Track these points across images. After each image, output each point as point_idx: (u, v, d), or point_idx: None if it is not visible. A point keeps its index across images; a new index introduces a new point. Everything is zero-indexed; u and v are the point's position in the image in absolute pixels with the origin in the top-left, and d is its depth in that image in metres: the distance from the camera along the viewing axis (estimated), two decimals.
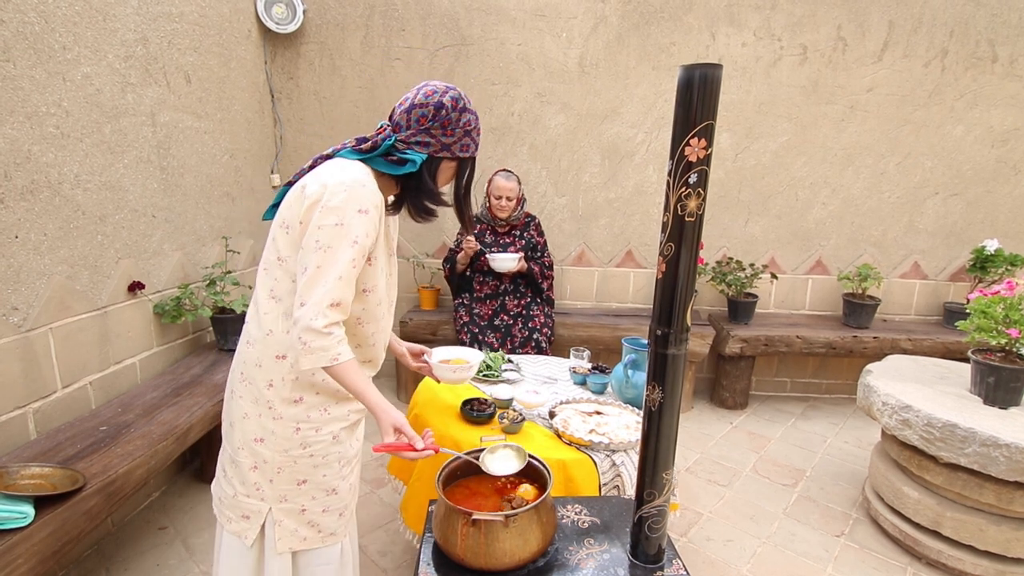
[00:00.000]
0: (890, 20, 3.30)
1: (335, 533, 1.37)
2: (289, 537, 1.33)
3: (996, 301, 2.09)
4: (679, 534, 2.29)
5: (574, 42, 3.38)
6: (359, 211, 1.17)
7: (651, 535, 1.20)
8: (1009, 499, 1.94)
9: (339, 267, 1.15)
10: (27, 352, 1.82)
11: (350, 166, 1.23)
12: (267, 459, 1.30)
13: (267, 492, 1.31)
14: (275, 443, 1.29)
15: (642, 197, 3.59)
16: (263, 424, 1.29)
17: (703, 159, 1.00)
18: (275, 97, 3.45)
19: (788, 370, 3.82)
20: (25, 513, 1.34)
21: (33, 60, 1.80)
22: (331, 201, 1.16)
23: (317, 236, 1.16)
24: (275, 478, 1.30)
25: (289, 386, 1.27)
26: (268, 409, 1.28)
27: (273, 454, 1.29)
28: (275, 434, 1.28)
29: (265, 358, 1.28)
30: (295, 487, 1.31)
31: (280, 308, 1.27)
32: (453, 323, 3.21)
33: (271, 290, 1.27)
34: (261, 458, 1.30)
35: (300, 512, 1.32)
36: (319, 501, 1.33)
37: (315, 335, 1.14)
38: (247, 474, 1.31)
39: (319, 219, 1.16)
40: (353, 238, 1.16)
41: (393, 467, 2.06)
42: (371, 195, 1.20)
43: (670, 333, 1.10)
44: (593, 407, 1.98)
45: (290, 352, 1.26)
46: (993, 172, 3.51)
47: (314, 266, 1.15)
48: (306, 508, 1.32)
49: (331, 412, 1.32)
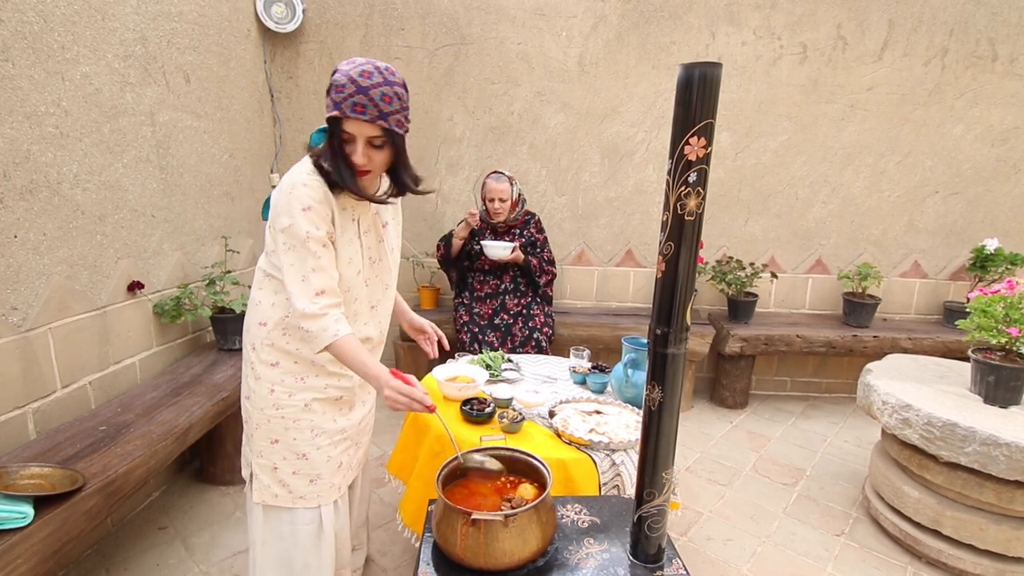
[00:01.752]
0: (890, 19, 3.30)
1: (304, 497, 1.47)
2: (263, 490, 1.47)
3: (996, 300, 2.09)
4: (679, 533, 2.29)
5: (574, 41, 3.38)
6: (303, 209, 1.30)
7: (651, 534, 1.20)
8: (1009, 498, 1.94)
9: (308, 261, 1.30)
10: (26, 352, 1.82)
11: (297, 169, 1.36)
12: (250, 415, 1.48)
13: (252, 445, 1.49)
14: (255, 401, 1.46)
15: (642, 196, 3.59)
16: (248, 383, 1.48)
17: (703, 158, 1.00)
18: (274, 96, 3.45)
19: (788, 369, 3.82)
20: (24, 513, 1.33)
21: (32, 60, 1.79)
22: (279, 204, 1.32)
23: (280, 238, 1.31)
24: (255, 434, 1.47)
25: (267, 350, 1.43)
26: (251, 369, 1.46)
27: (253, 411, 1.46)
28: (255, 393, 1.45)
29: (252, 324, 1.47)
30: (269, 445, 1.46)
31: (271, 285, 1.44)
32: (453, 322, 3.20)
33: (265, 268, 1.46)
34: (247, 414, 1.50)
35: (273, 469, 1.46)
36: (289, 463, 1.45)
37: (311, 320, 1.28)
38: (245, 427, 1.53)
39: (275, 222, 1.33)
40: (305, 234, 1.29)
41: (393, 467, 2.05)
42: (311, 192, 1.31)
43: (670, 332, 1.10)
44: (593, 406, 1.98)
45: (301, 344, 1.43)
46: (993, 171, 3.50)
47: (288, 264, 1.31)
48: (277, 467, 1.46)
49: (307, 382, 1.44)
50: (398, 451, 2.04)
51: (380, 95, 1.25)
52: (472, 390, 2.01)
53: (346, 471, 1.59)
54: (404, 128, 1.33)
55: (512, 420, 1.79)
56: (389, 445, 2.93)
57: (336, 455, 1.53)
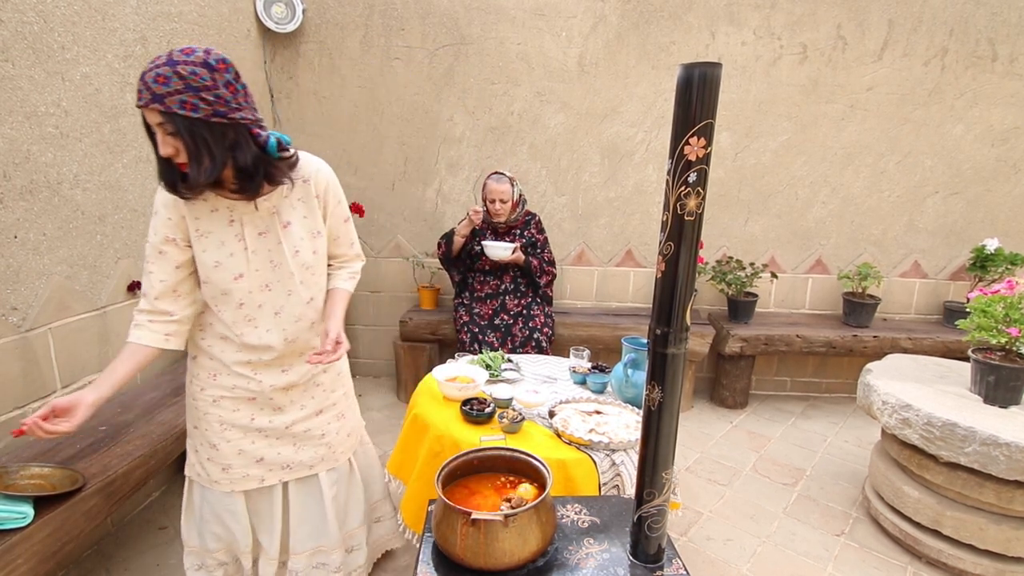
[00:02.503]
0: (890, 19, 3.30)
1: (219, 482, 1.54)
2: (190, 467, 1.58)
3: (996, 300, 2.09)
4: (679, 533, 2.29)
5: (574, 41, 3.38)
6: (154, 213, 1.37)
7: (651, 535, 1.20)
8: (1009, 498, 1.94)
9: (143, 265, 1.40)
10: (26, 352, 1.82)
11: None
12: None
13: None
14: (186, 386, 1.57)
15: (642, 196, 3.59)
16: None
17: (702, 158, 1.00)
18: (274, 96, 3.45)
19: (788, 369, 3.82)
20: (24, 513, 1.34)
21: (32, 60, 1.79)
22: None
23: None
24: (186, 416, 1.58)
25: (190, 344, 1.52)
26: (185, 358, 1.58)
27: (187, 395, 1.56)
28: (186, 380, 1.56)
29: None
30: (192, 429, 1.55)
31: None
32: (453, 323, 3.20)
33: None
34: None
35: (195, 451, 1.56)
36: (204, 450, 1.53)
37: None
38: None
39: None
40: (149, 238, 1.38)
41: (393, 466, 2.06)
42: (159, 196, 1.36)
43: (670, 332, 1.10)
44: (593, 406, 1.98)
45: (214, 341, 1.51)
46: (993, 171, 3.50)
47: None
48: (197, 450, 1.55)
49: (218, 380, 1.50)
50: (398, 451, 2.04)
51: (154, 77, 1.14)
52: (472, 390, 2.01)
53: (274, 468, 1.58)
54: (193, 109, 1.16)
55: (512, 420, 1.79)
56: (389, 445, 2.93)
57: (252, 449, 1.54)
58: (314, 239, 1.49)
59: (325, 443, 1.65)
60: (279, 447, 1.58)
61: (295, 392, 1.58)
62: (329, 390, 1.66)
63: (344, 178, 3.50)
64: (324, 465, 1.67)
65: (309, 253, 1.48)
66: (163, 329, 1.39)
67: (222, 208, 1.38)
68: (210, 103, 1.18)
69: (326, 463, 1.67)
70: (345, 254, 1.63)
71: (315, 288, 1.53)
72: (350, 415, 1.76)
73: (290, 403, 1.57)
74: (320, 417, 1.64)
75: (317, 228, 1.49)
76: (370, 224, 3.64)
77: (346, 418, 1.73)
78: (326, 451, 1.66)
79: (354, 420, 1.80)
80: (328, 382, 1.66)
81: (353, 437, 1.79)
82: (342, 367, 1.72)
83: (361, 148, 3.54)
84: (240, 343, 1.46)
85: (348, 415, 1.75)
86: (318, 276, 1.53)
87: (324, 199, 1.50)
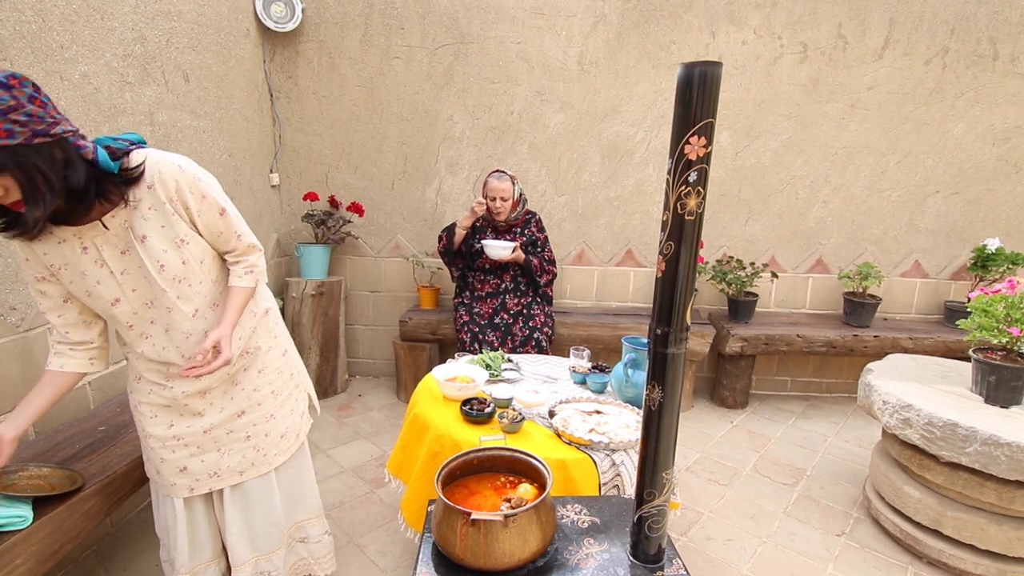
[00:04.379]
0: (891, 18, 3.30)
1: (155, 482, 1.57)
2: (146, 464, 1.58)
3: (997, 300, 2.09)
4: (679, 533, 2.29)
5: (574, 40, 3.37)
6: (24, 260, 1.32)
7: (651, 535, 1.20)
8: (1010, 498, 1.93)
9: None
10: (25, 352, 1.81)
11: None
12: None
13: None
14: None
15: (642, 196, 3.58)
16: None
17: (703, 157, 1.00)
18: (274, 96, 3.45)
19: (788, 369, 3.81)
20: (23, 516, 1.33)
21: (31, 59, 1.79)
22: None
23: None
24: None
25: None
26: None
27: None
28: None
29: None
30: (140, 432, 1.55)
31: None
32: (453, 322, 3.20)
33: None
34: None
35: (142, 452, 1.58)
36: (145, 451, 1.55)
37: None
38: None
39: None
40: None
41: (393, 467, 2.05)
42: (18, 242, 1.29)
43: (670, 332, 1.10)
44: (593, 406, 1.98)
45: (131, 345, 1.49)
46: (994, 170, 3.50)
47: None
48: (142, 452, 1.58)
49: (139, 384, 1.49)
50: (398, 451, 2.04)
51: None
52: (472, 390, 2.01)
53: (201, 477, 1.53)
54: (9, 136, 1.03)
55: (512, 420, 1.79)
56: (389, 445, 2.93)
57: (173, 459, 1.50)
58: (180, 248, 1.34)
59: (251, 446, 1.57)
60: (202, 455, 1.52)
61: (213, 395, 1.52)
62: (251, 390, 1.56)
63: (344, 177, 3.50)
64: (256, 471, 1.59)
65: (178, 264, 1.34)
66: (86, 355, 1.40)
67: (69, 237, 1.25)
68: (24, 123, 1.04)
69: (257, 468, 1.59)
70: (235, 248, 1.45)
71: (198, 299, 1.41)
72: (282, 415, 1.64)
73: (208, 406, 1.51)
74: (243, 419, 1.55)
75: (180, 236, 1.33)
76: (370, 224, 3.64)
77: (276, 419, 1.62)
78: (255, 455, 1.58)
79: (288, 421, 1.66)
80: (248, 381, 1.56)
81: (288, 439, 1.66)
82: (267, 364, 1.60)
83: (361, 147, 3.54)
84: (144, 358, 1.44)
85: (279, 415, 1.63)
86: (198, 286, 1.40)
87: (180, 201, 1.32)
